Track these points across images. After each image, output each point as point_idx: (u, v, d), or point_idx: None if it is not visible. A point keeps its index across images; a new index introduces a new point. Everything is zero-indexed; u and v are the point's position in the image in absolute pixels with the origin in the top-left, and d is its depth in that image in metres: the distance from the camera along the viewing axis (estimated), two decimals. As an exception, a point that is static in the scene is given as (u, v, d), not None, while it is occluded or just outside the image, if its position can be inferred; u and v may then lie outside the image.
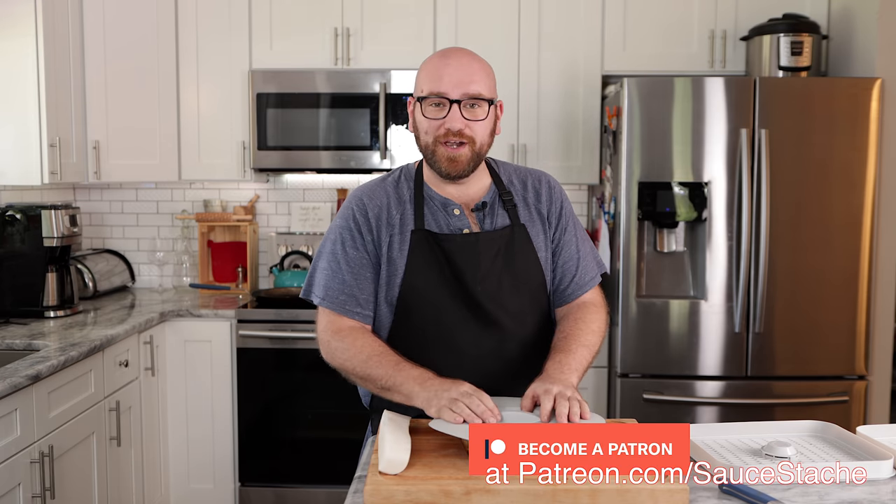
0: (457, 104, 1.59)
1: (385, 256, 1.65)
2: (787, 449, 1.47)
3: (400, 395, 1.53)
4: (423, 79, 1.63)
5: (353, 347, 1.62)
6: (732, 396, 3.03)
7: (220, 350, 3.28)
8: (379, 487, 1.24)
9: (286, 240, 3.81)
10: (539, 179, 1.77)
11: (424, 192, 1.69)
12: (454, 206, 1.68)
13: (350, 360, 1.62)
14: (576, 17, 3.48)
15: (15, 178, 3.03)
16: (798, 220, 3.01)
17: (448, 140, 1.60)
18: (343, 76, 3.46)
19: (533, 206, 1.73)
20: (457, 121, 1.59)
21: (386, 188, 1.71)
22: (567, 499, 1.23)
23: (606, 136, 3.31)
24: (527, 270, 1.68)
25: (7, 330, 2.80)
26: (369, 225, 1.66)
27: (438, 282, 1.62)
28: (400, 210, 1.67)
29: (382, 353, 1.59)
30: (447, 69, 1.61)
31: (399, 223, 1.66)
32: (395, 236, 1.65)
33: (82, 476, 2.57)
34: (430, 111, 1.61)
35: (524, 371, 1.62)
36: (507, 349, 1.65)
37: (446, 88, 1.59)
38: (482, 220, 1.68)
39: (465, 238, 1.65)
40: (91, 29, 3.30)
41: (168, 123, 3.54)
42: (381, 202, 1.68)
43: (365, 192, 1.71)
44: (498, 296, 1.64)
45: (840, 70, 3.38)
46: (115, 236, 3.93)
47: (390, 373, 1.54)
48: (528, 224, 1.70)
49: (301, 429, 3.30)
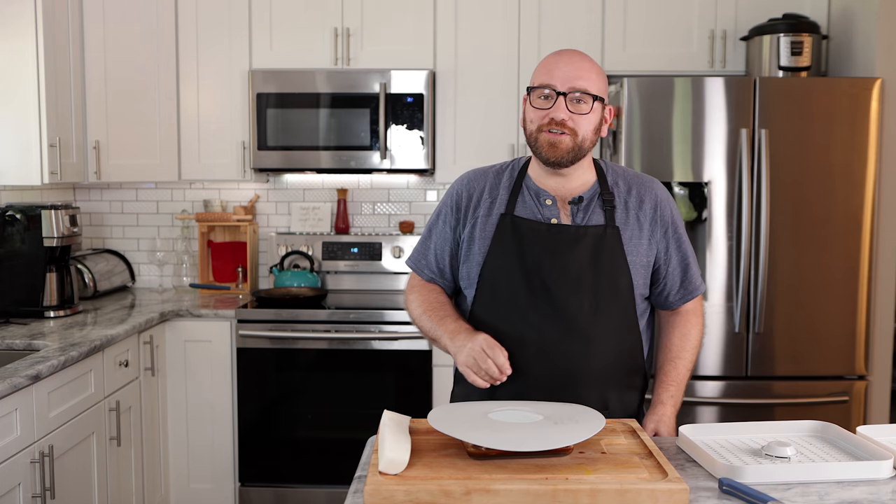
0: (563, 96, 1.65)
1: (467, 236, 1.76)
2: (787, 449, 1.47)
3: (440, 346, 1.73)
4: (536, 73, 1.71)
5: (418, 300, 1.81)
6: (732, 396, 3.03)
7: (220, 350, 3.28)
8: (379, 487, 1.24)
9: (286, 240, 3.81)
10: (647, 187, 1.77)
11: (524, 182, 1.77)
12: (547, 197, 1.73)
13: (414, 311, 1.82)
14: (576, 17, 3.48)
15: (15, 178, 3.03)
16: (798, 220, 3.01)
17: (551, 129, 1.66)
18: (343, 76, 3.46)
19: (633, 210, 1.74)
20: (561, 111, 1.65)
21: (488, 174, 1.81)
22: (567, 499, 1.23)
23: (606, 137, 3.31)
24: (612, 271, 1.69)
25: (7, 330, 2.80)
26: (460, 204, 1.79)
27: (513, 266, 1.69)
28: (493, 194, 1.77)
29: (434, 306, 1.78)
30: (559, 64, 1.68)
31: (488, 206, 1.75)
32: (481, 218, 1.75)
33: (82, 476, 2.57)
34: (537, 102, 1.67)
35: (594, 371, 1.67)
36: (575, 344, 1.66)
37: (555, 81, 1.66)
38: (575, 214, 1.72)
39: (549, 227, 1.70)
40: (91, 29, 3.30)
41: (168, 123, 3.54)
42: (478, 185, 1.79)
43: (470, 174, 1.83)
44: (572, 289, 1.67)
45: (840, 70, 3.38)
46: (115, 236, 3.93)
47: (434, 325, 1.74)
48: (622, 226, 1.72)
49: (301, 429, 3.30)
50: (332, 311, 3.28)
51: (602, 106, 1.69)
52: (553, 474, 1.29)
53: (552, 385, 1.65)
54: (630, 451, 1.41)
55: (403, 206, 3.89)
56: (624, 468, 1.32)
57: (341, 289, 3.82)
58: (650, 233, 1.73)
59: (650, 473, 1.30)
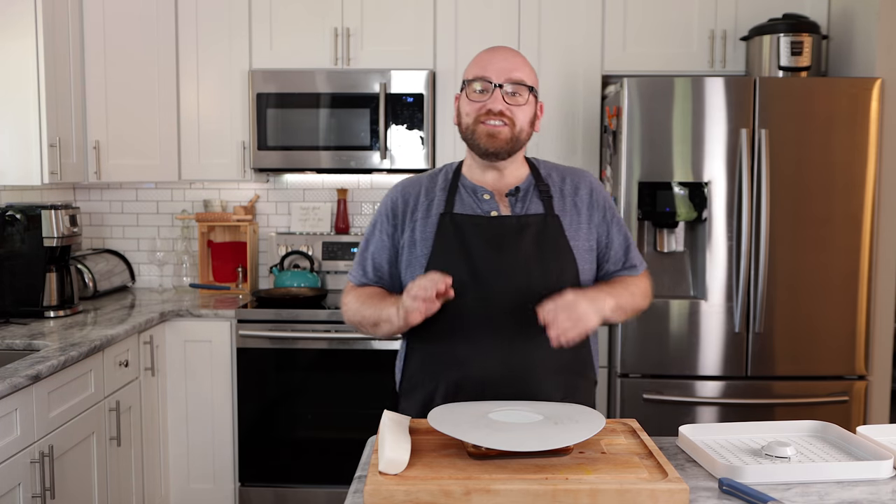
0: (499, 88, 1.67)
1: (408, 240, 1.75)
2: (787, 449, 1.47)
3: (387, 324, 1.67)
4: (469, 69, 1.73)
5: (354, 298, 1.78)
6: (732, 396, 3.03)
7: (220, 350, 3.28)
8: (379, 487, 1.24)
9: (286, 240, 3.81)
10: (580, 177, 1.82)
11: (459, 181, 1.78)
12: (484, 192, 1.74)
13: (351, 308, 1.78)
14: (576, 17, 3.48)
15: (15, 178, 3.03)
16: (798, 220, 3.01)
17: (490, 120, 1.68)
18: (343, 76, 3.46)
19: (570, 197, 1.77)
20: (498, 102, 1.68)
21: (422, 179, 1.82)
22: (567, 499, 1.23)
23: (606, 136, 3.31)
24: (557, 258, 1.70)
25: (7, 330, 2.80)
26: (395, 211, 1.78)
27: (459, 262, 1.67)
28: (430, 196, 1.77)
29: (374, 294, 1.76)
30: (493, 58, 1.71)
31: (426, 208, 1.75)
32: (420, 220, 1.74)
33: (82, 476, 2.57)
34: (473, 95, 1.70)
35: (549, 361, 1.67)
36: (528, 335, 1.66)
37: (490, 73, 1.68)
38: (514, 206, 1.73)
39: (490, 220, 1.70)
40: (91, 29, 3.30)
41: (168, 123, 3.54)
42: (412, 191, 1.79)
43: (406, 182, 1.84)
44: (522, 280, 1.67)
45: (840, 70, 3.38)
46: (115, 236, 3.93)
47: (378, 307, 1.70)
48: (562, 214, 1.74)
49: (301, 429, 3.30)
50: (332, 311, 3.28)
51: (535, 99, 1.74)
52: (553, 474, 1.29)
53: (511, 377, 1.65)
54: (630, 451, 1.41)
55: (403, 206, 3.89)
56: (624, 468, 1.32)
57: (341, 289, 3.81)
58: (588, 217, 1.77)
59: (650, 473, 1.30)
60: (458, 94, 1.76)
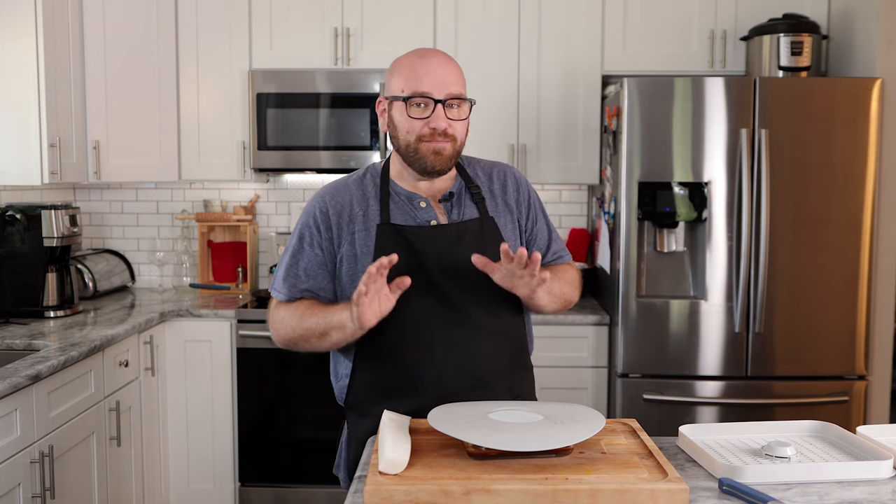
0: (441, 104, 1.61)
1: (348, 253, 1.67)
2: (787, 449, 1.47)
3: (336, 331, 1.58)
4: (400, 78, 1.64)
5: (290, 312, 1.67)
6: (732, 396, 3.03)
7: (220, 350, 3.28)
8: (379, 487, 1.24)
9: (286, 240, 3.81)
10: (504, 172, 1.80)
11: (390, 188, 1.71)
12: (420, 199, 1.70)
13: (289, 324, 1.67)
14: (576, 17, 3.48)
15: (15, 178, 3.03)
16: (798, 220, 3.01)
17: (434, 138, 1.63)
18: (343, 76, 3.46)
19: (500, 197, 1.76)
20: (441, 120, 1.62)
21: (349, 186, 1.73)
22: (567, 499, 1.23)
23: (606, 136, 3.31)
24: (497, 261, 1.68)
25: (7, 330, 2.80)
26: (328, 223, 1.69)
27: (409, 274, 1.58)
28: (363, 206, 1.69)
29: (314, 304, 1.66)
30: (428, 69, 1.62)
31: (362, 219, 1.68)
32: (359, 232, 1.67)
33: (82, 476, 2.57)
34: (414, 111, 1.63)
35: (499, 363, 1.67)
36: (479, 341, 1.65)
37: (429, 88, 1.61)
38: (450, 211, 1.70)
39: (432, 230, 1.67)
40: (91, 29, 3.30)
41: (168, 123, 3.54)
42: (342, 200, 1.70)
43: (328, 190, 1.73)
44: (468, 287, 1.65)
45: (840, 70, 3.38)
46: (115, 236, 3.93)
47: (322, 316, 1.60)
48: (496, 216, 1.73)
49: (301, 429, 3.30)
50: (332, 311, 3.27)
51: (471, 106, 1.69)
52: (553, 474, 1.29)
53: (466, 385, 1.63)
54: (630, 451, 1.41)
55: (403, 206, 3.89)
56: (624, 468, 1.32)
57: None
58: (517, 213, 1.77)
59: (650, 473, 1.30)
60: (388, 103, 1.67)
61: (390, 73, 1.68)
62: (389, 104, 1.67)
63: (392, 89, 1.67)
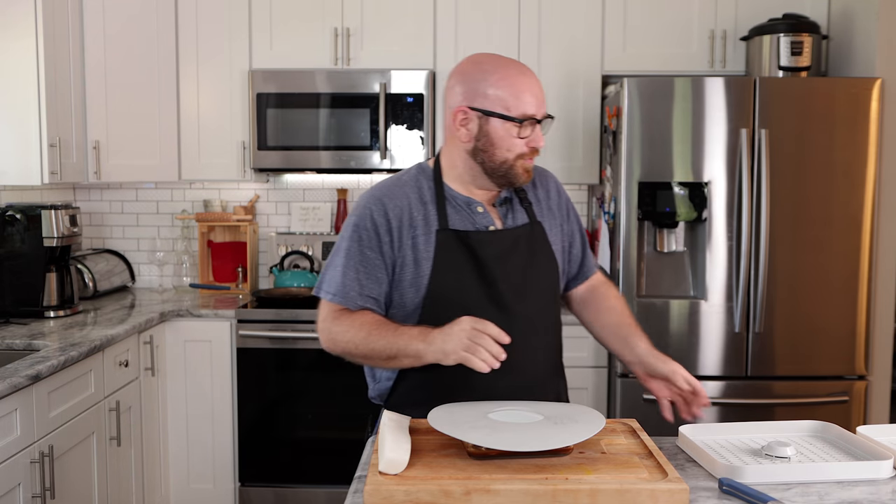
0: (538, 123, 1.64)
1: (409, 258, 1.64)
2: (787, 449, 1.47)
3: (408, 359, 1.55)
4: (504, 95, 1.60)
5: (353, 327, 1.61)
6: (732, 396, 3.03)
7: (220, 350, 3.28)
8: (379, 487, 1.24)
9: (286, 240, 3.81)
10: (546, 177, 1.83)
11: (445, 192, 1.69)
12: (477, 204, 1.69)
13: (351, 340, 1.61)
14: (576, 17, 3.48)
15: (15, 178, 3.03)
16: (798, 220, 3.01)
17: (530, 157, 1.65)
18: (343, 76, 3.46)
19: (544, 202, 1.78)
20: (542, 140, 1.65)
21: (405, 188, 1.69)
22: (567, 499, 1.23)
23: (606, 136, 3.31)
24: (546, 266, 1.72)
25: (7, 330, 2.80)
26: (389, 226, 1.64)
27: (466, 280, 1.63)
28: (422, 210, 1.66)
29: (380, 323, 1.60)
30: (531, 89, 1.62)
31: (423, 223, 1.65)
32: (420, 237, 1.64)
33: (82, 476, 2.57)
34: (522, 132, 1.62)
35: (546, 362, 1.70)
36: (531, 343, 1.67)
37: (535, 111, 1.62)
38: (505, 216, 1.71)
39: (491, 235, 1.67)
40: (91, 29, 3.30)
41: (168, 123, 3.54)
42: (401, 203, 1.66)
43: (384, 192, 1.68)
44: (522, 291, 1.67)
45: (840, 70, 3.38)
46: (115, 236, 3.93)
47: (392, 340, 1.56)
48: (542, 220, 1.75)
49: (301, 429, 3.30)
50: (332, 311, 3.27)
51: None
52: (553, 474, 1.29)
53: (516, 392, 1.62)
54: (630, 451, 1.41)
55: (403, 206, 3.89)
56: (624, 468, 1.32)
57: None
58: (560, 219, 1.79)
59: (650, 473, 1.30)
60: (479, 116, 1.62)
61: (476, 81, 1.62)
62: (483, 118, 1.62)
63: (489, 103, 1.61)
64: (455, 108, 1.64)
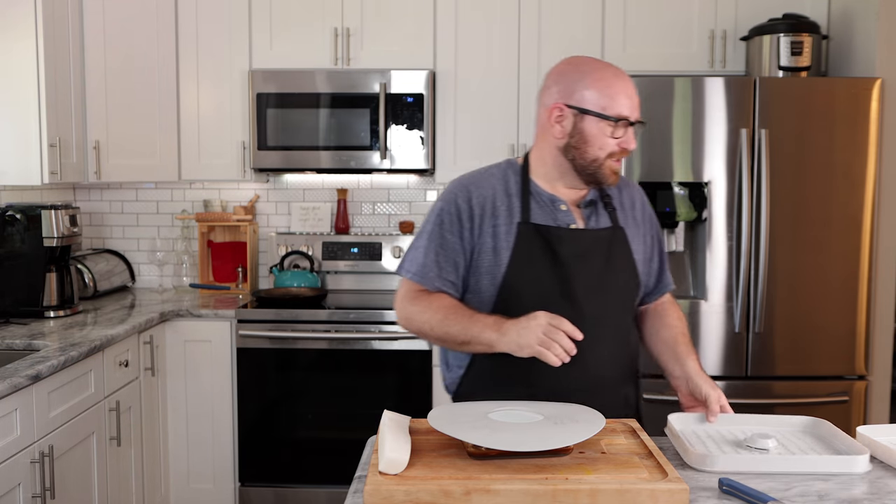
0: (632, 126, 1.67)
1: (488, 245, 1.69)
2: (768, 441, 1.48)
3: (481, 346, 1.61)
4: (598, 94, 1.65)
5: (430, 308, 1.68)
6: (732, 396, 2.99)
7: (220, 350, 3.28)
8: (379, 487, 1.24)
9: (286, 240, 3.81)
10: (632, 188, 1.86)
11: (531, 188, 1.73)
12: (561, 202, 1.73)
13: (427, 321, 1.68)
14: (576, 17, 3.48)
15: (15, 178, 3.03)
16: (798, 220, 3.01)
17: (619, 158, 1.68)
18: (343, 76, 3.46)
19: (629, 210, 1.81)
20: (633, 143, 1.67)
21: (492, 178, 1.75)
22: (567, 499, 1.23)
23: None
24: (623, 270, 1.74)
25: (7, 330, 2.80)
26: (471, 213, 1.70)
27: (541, 273, 1.67)
28: (506, 202, 1.71)
29: (456, 308, 1.67)
30: (626, 91, 1.66)
31: (505, 213, 1.70)
32: (501, 227, 1.70)
33: (82, 476, 2.57)
34: (615, 132, 1.66)
35: (613, 364, 1.72)
36: (598, 344, 1.68)
37: (629, 112, 1.66)
38: (588, 218, 1.74)
39: (572, 232, 1.71)
40: (91, 29, 3.30)
41: (168, 123, 3.54)
42: (486, 192, 1.72)
43: (471, 180, 1.75)
44: (595, 292, 1.69)
45: (840, 70, 3.38)
46: (115, 236, 3.93)
47: (467, 325, 1.62)
48: (625, 227, 1.77)
49: (301, 429, 3.30)
50: (332, 311, 3.28)
51: None
52: (553, 474, 1.29)
53: (584, 389, 1.66)
54: (630, 451, 1.41)
55: (403, 206, 3.89)
56: (624, 468, 1.32)
57: (341, 289, 3.82)
58: (643, 231, 1.81)
59: (650, 473, 1.30)
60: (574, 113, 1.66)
61: (573, 80, 1.67)
62: (578, 115, 1.66)
63: (586, 101, 1.65)
64: (551, 105, 1.69)
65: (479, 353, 1.65)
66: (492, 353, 1.61)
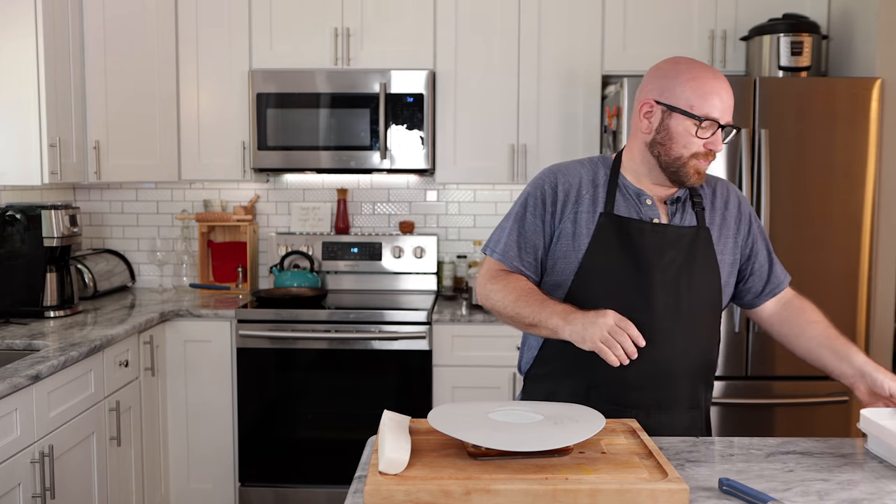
0: (721, 129, 1.67)
1: (568, 231, 1.73)
2: None
3: (546, 330, 1.64)
4: (690, 93, 1.67)
5: (506, 288, 1.72)
6: (732, 396, 3.03)
7: (220, 350, 3.28)
8: (379, 487, 1.24)
9: (286, 240, 3.81)
10: (727, 189, 1.85)
11: (619, 181, 1.76)
12: (647, 197, 1.75)
13: (502, 301, 1.72)
14: (576, 17, 3.48)
15: (15, 178, 3.03)
16: (798, 220, 3.01)
17: (705, 159, 1.68)
18: (343, 76, 3.46)
19: (720, 211, 1.80)
20: (720, 145, 1.69)
21: (579, 169, 1.79)
22: (567, 499, 1.23)
23: (606, 136, 3.31)
24: (704, 272, 1.73)
25: (7, 330, 2.80)
26: (555, 198, 1.75)
27: (617, 264, 1.69)
28: (591, 191, 1.75)
29: (531, 291, 1.70)
30: (721, 94, 1.66)
31: (589, 202, 1.74)
32: (583, 214, 1.73)
33: (82, 476, 2.57)
34: (701, 132, 1.66)
35: (683, 363, 1.70)
36: (670, 340, 1.68)
37: (720, 115, 1.66)
38: (673, 215, 1.75)
39: (654, 227, 1.72)
40: (91, 29, 3.30)
41: (168, 123, 3.54)
42: (573, 180, 1.76)
43: (560, 168, 1.80)
44: (672, 289, 1.69)
45: (840, 70, 3.38)
46: (115, 236, 3.93)
47: (536, 309, 1.65)
48: (712, 227, 1.77)
49: (301, 429, 3.30)
50: (332, 311, 3.28)
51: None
52: (553, 474, 1.29)
53: (650, 382, 1.68)
54: (630, 451, 1.41)
55: (403, 206, 3.89)
56: (624, 468, 1.32)
57: (341, 289, 3.82)
58: (736, 231, 1.81)
59: (650, 473, 1.30)
60: (663, 110, 1.69)
61: (668, 78, 1.71)
62: (666, 112, 1.68)
63: (676, 99, 1.67)
64: (642, 101, 1.73)
65: (546, 337, 1.69)
66: (558, 339, 1.63)
